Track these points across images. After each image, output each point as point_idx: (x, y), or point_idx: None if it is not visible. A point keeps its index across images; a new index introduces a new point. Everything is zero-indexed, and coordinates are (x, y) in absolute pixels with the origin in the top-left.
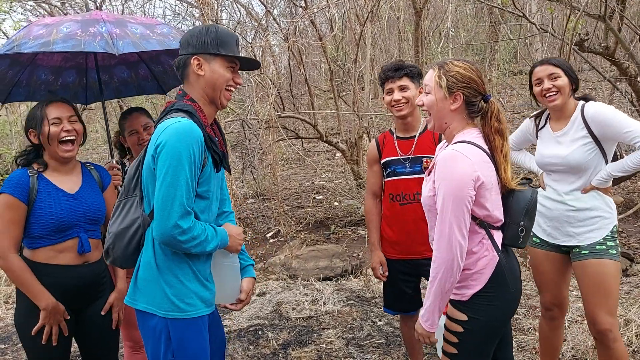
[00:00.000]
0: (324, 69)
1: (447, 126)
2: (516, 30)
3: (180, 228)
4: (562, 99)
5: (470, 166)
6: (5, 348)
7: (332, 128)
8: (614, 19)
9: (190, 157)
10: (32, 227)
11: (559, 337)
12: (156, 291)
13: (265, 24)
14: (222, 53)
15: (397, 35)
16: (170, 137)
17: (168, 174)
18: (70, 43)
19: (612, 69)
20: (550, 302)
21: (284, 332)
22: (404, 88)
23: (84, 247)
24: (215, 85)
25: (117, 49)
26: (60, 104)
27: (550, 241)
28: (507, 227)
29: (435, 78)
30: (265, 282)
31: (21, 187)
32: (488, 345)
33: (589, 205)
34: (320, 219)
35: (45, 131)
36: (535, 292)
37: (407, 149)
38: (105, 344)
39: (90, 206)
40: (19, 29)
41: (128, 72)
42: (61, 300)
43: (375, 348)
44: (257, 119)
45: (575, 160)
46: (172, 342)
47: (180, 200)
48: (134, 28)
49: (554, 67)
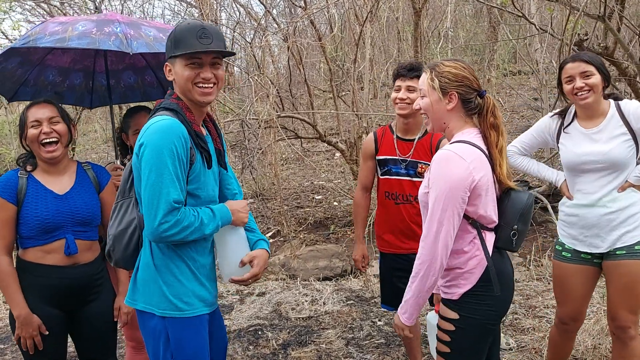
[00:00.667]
0: (323, 69)
1: (446, 126)
2: (515, 30)
3: (168, 223)
4: (594, 97)
5: (465, 168)
6: (5, 348)
7: (332, 128)
8: (613, 19)
9: (173, 152)
10: (20, 227)
11: (569, 347)
12: (154, 291)
13: (264, 24)
14: (177, 54)
15: (396, 36)
16: (150, 135)
17: (152, 172)
18: (85, 40)
19: (611, 69)
20: (568, 317)
21: (283, 332)
22: (411, 89)
23: (70, 248)
24: (182, 86)
25: (131, 48)
26: (43, 104)
27: (593, 251)
28: (501, 229)
29: (428, 81)
30: (264, 282)
31: (9, 188)
32: (481, 343)
33: (627, 203)
34: (319, 219)
35: (25, 134)
36: (534, 292)
37: (406, 151)
38: (103, 345)
39: (79, 207)
40: (18, 28)
41: (135, 78)
42: (52, 300)
43: (375, 348)
44: (257, 119)
45: (617, 156)
46: (171, 342)
47: (165, 197)
48: (148, 31)
49: (586, 64)
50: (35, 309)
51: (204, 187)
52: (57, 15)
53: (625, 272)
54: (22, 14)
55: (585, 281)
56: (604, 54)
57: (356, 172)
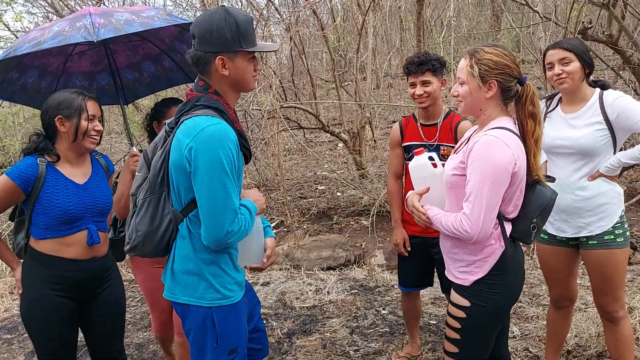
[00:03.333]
0: (326, 59)
1: (482, 113)
2: (518, 19)
3: (233, 232)
4: (572, 83)
5: (511, 155)
6: (12, 338)
7: (334, 118)
8: (618, 6)
9: (231, 161)
10: (38, 216)
11: (566, 326)
12: (200, 283)
13: (266, 14)
14: (245, 49)
15: (398, 25)
16: (207, 143)
17: (214, 181)
18: (58, 39)
19: (616, 57)
20: (559, 296)
21: (288, 322)
22: (426, 83)
23: (93, 238)
24: (241, 79)
25: (96, 36)
26: (95, 102)
27: (560, 235)
28: (520, 220)
29: (467, 68)
30: (268, 272)
31: (27, 176)
32: (490, 331)
33: (596, 192)
34: (322, 209)
35: (82, 125)
36: (538, 280)
37: (432, 136)
38: (111, 333)
39: (98, 197)
40: (20, 20)
41: (154, 67)
42: (65, 291)
43: (379, 336)
44: (260, 109)
45: (587, 143)
46: (217, 328)
47: (231, 207)
48: (120, 16)
49: (565, 51)
50: (45, 299)
51: (239, 180)
52: (59, 6)
53: (599, 262)
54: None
55: (564, 261)
56: (608, 42)
57: (359, 162)
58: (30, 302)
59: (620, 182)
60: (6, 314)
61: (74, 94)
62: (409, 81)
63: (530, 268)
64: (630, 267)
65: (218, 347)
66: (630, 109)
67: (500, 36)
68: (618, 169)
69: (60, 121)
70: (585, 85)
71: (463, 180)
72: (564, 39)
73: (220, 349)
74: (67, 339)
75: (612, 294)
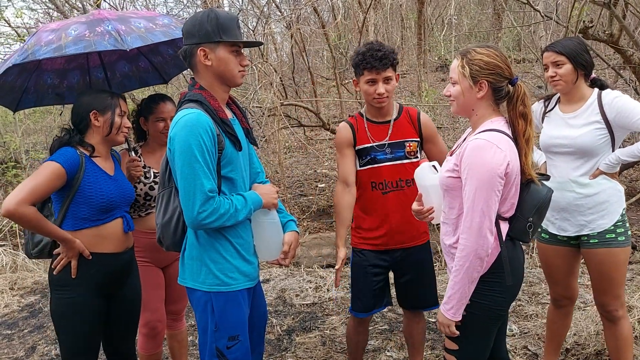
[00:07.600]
0: (327, 56)
1: (474, 113)
2: (520, 17)
3: (205, 212)
4: (565, 85)
5: (503, 157)
6: (12, 333)
7: (335, 116)
8: (619, 5)
9: (201, 145)
10: (79, 207)
11: (566, 325)
12: (201, 268)
13: (267, 11)
14: (224, 40)
15: (399, 23)
16: (179, 130)
17: (184, 165)
18: (82, 45)
19: (616, 56)
20: (560, 295)
21: (288, 319)
22: (388, 80)
23: (129, 224)
24: (225, 70)
25: (127, 44)
26: (124, 101)
27: (561, 235)
28: (516, 220)
29: (458, 68)
30: (268, 269)
31: (74, 165)
32: (490, 329)
33: (597, 189)
34: (322, 207)
35: (116, 120)
36: (537, 279)
37: (381, 135)
38: (125, 330)
39: (127, 187)
40: (20, 16)
41: (129, 66)
42: (100, 289)
43: (379, 334)
44: (260, 107)
45: (585, 143)
46: (215, 313)
47: (200, 188)
48: (137, 23)
49: (557, 54)
50: (85, 303)
51: (237, 169)
52: (60, 3)
53: (600, 260)
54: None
55: (566, 260)
56: (609, 41)
57: None
58: (67, 304)
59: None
60: (6, 310)
61: (106, 92)
62: (365, 77)
63: (530, 266)
64: (630, 266)
65: (217, 331)
66: (629, 108)
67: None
68: (617, 165)
69: (95, 115)
70: (584, 85)
71: (458, 182)
72: (559, 41)
73: (220, 334)
74: (97, 337)
75: (612, 292)
